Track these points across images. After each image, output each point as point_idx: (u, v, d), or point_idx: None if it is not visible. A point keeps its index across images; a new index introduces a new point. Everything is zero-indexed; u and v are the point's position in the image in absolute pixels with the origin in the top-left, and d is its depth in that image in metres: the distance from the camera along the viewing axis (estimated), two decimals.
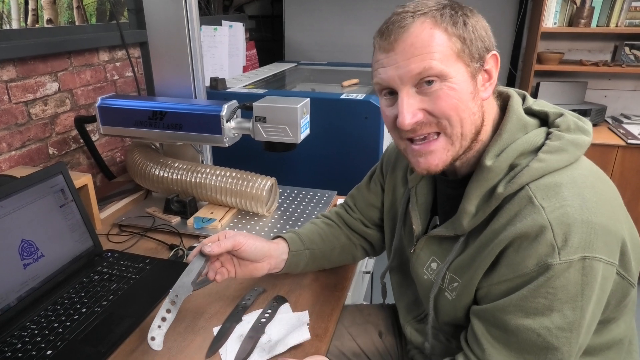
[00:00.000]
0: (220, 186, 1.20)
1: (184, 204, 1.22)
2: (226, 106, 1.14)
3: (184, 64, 1.23)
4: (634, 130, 2.26)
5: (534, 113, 0.73)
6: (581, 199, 0.62)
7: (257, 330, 0.83)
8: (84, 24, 5.02)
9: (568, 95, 2.43)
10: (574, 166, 0.66)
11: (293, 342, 0.80)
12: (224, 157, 1.40)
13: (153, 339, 0.76)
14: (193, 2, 1.18)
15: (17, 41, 1.31)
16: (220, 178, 1.20)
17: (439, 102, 0.65)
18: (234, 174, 1.21)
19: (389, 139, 1.49)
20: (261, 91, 1.58)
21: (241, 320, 0.86)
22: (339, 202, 1.09)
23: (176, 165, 1.25)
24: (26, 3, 4.91)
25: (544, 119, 0.72)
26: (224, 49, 2.05)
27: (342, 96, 1.46)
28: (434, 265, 0.79)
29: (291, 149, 1.19)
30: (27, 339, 0.80)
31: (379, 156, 1.24)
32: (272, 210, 1.27)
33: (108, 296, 0.91)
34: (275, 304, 0.90)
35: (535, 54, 2.33)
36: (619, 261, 0.63)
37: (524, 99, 0.75)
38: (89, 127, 1.48)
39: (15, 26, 4.94)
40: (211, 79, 1.58)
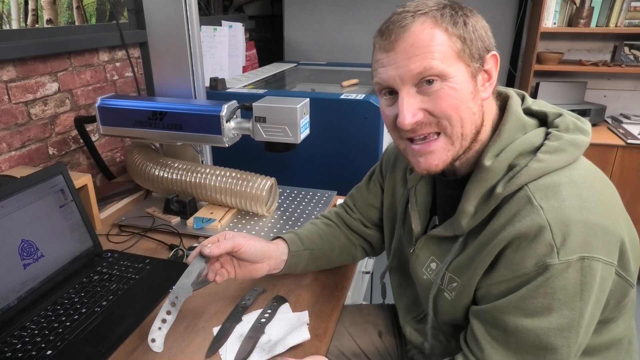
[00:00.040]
0: (220, 186, 1.20)
1: (183, 204, 1.22)
2: (226, 106, 1.14)
3: (183, 64, 1.23)
4: (634, 130, 2.26)
5: (533, 113, 0.73)
6: (580, 199, 0.62)
7: (257, 330, 0.83)
8: (83, 24, 5.01)
9: (567, 95, 2.43)
10: (572, 166, 0.66)
11: (293, 342, 0.80)
12: (223, 157, 1.40)
13: (154, 340, 0.76)
14: (193, 2, 1.18)
15: (17, 41, 1.31)
16: (220, 178, 1.21)
17: (439, 102, 0.65)
18: (233, 174, 1.21)
19: (388, 139, 1.49)
20: (261, 91, 1.58)
21: (241, 320, 0.86)
22: (338, 202, 1.09)
23: (176, 165, 1.25)
24: (26, 3, 4.91)
25: (543, 119, 0.72)
26: (223, 49, 2.05)
27: (342, 96, 1.46)
28: (433, 266, 0.79)
29: (291, 149, 1.19)
30: (27, 339, 0.80)
31: (379, 156, 1.24)
32: (271, 211, 1.27)
33: (108, 296, 0.91)
34: (275, 304, 0.90)
35: (535, 54, 2.33)
36: (617, 261, 0.63)
37: (523, 99, 0.75)
38: (88, 127, 1.48)
39: (15, 26, 4.94)
40: (211, 79, 1.58)
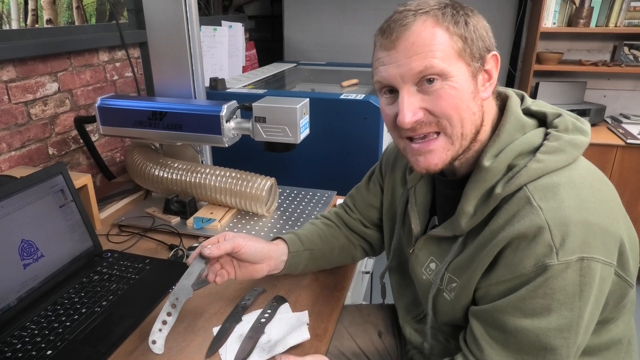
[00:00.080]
0: (220, 186, 1.20)
1: (183, 204, 1.22)
2: (226, 106, 1.14)
3: (183, 64, 1.23)
4: (633, 130, 2.26)
5: (532, 113, 0.73)
6: (579, 199, 0.62)
7: (257, 330, 0.83)
8: (83, 24, 5.02)
9: (567, 95, 2.43)
10: (572, 167, 0.66)
11: (293, 342, 0.80)
12: (223, 157, 1.40)
13: (154, 342, 0.76)
14: (193, 3, 1.19)
15: (17, 41, 1.31)
16: (219, 178, 1.21)
17: (440, 102, 0.65)
18: (233, 174, 1.21)
19: (388, 139, 1.49)
20: (261, 91, 1.58)
21: (241, 320, 0.86)
22: (338, 202, 1.09)
23: (176, 165, 1.25)
24: (26, 3, 4.91)
25: (542, 120, 0.72)
26: (223, 49, 2.05)
27: (342, 96, 1.46)
28: (432, 266, 0.79)
29: (291, 149, 1.19)
30: (27, 339, 0.80)
31: (379, 156, 1.24)
32: (271, 211, 1.27)
33: (108, 296, 0.92)
34: (275, 304, 0.91)
35: (535, 54, 2.33)
36: (617, 261, 0.63)
37: (522, 99, 0.75)
38: (88, 127, 1.48)
39: (15, 26, 4.94)
40: (211, 79, 1.58)
